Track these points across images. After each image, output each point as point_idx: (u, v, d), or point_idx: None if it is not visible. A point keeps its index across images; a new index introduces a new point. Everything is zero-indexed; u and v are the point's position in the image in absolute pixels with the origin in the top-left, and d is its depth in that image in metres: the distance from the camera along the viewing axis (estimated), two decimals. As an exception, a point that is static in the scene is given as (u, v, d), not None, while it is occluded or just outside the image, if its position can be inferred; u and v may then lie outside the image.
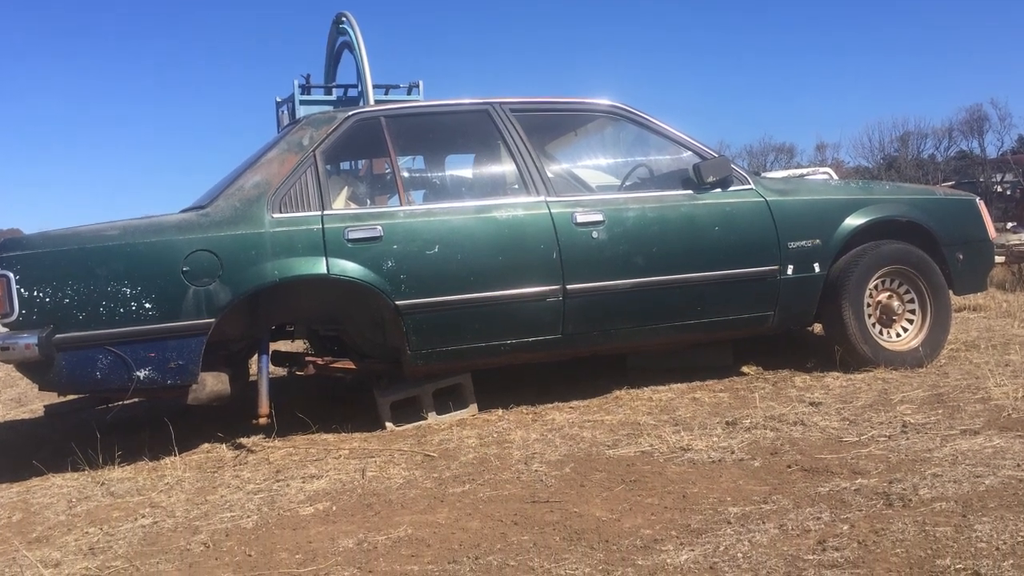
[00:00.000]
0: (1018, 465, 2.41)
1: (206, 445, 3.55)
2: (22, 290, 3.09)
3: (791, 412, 3.27)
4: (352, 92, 8.73)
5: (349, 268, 3.36)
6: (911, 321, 4.04)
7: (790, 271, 3.85)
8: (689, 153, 3.99)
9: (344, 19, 8.88)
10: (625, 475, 2.69)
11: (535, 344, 3.62)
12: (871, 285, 3.95)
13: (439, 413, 3.66)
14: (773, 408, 3.37)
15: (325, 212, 3.43)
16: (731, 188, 3.89)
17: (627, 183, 4.22)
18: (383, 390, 3.68)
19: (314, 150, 3.55)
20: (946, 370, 3.82)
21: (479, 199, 3.79)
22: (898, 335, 4.02)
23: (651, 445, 2.99)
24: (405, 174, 4.21)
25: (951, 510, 2.13)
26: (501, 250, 3.53)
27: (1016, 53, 52.60)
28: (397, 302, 3.39)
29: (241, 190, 3.43)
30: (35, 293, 3.10)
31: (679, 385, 3.91)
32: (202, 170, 60.65)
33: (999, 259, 6.59)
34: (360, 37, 8.53)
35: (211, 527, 2.54)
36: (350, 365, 3.70)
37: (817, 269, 3.89)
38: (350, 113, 3.75)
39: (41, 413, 4.17)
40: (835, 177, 13.86)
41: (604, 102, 4.03)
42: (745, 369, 4.15)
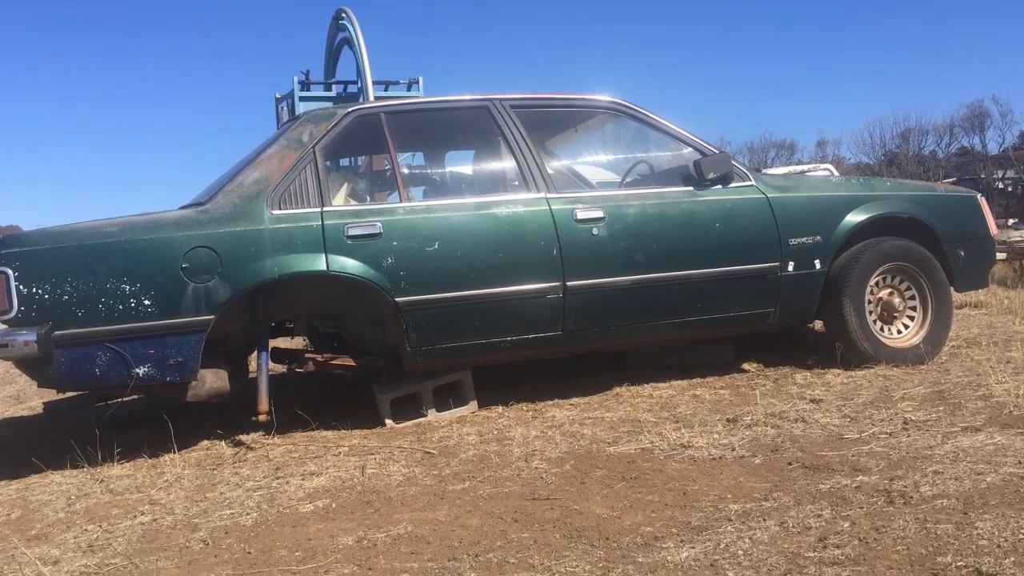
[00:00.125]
0: (1019, 462, 2.40)
1: (205, 442, 3.55)
2: (21, 287, 3.08)
3: (792, 409, 3.27)
4: (352, 88, 8.74)
5: (349, 265, 3.35)
6: (912, 318, 4.04)
7: (791, 268, 3.84)
8: (689, 149, 3.98)
9: (344, 15, 8.88)
10: (625, 472, 2.68)
11: (535, 341, 3.61)
12: (872, 282, 3.94)
13: (439, 410, 3.65)
14: (774, 405, 3.36)
15: (325, 208, 3.42)
16: (732, 185, 3.87)
17: (627, 179, 4.22)
18: (383, 387, 3.68)
19: (314, 146, 3.54)
20: (947, 367, 3.81)
21: (479, 195, 3.78)
22: (899, 332, 4.01)
23: (651, 442, 2.98)
24: (405, 170, 4.19)
25: (952, 507, 2.12)
26: (501, 247, 3.52)
27: (1018, 49, 52.67)
28: (397, 299, 3.38)
29: (240, 186, 3.42)
30: (34, 290, 3.09)
31: (680, 382, 3.91)
32: (201, 166, 60.73)
33: (1000, 256, 6.60)
34: (360, 33, 8.53)
35: (210, 524, 2.53)
36: (350, 362, 3.69)
37: (818, 266, 3.88)
38: (350, 109, 3.73)
39: (40, 410, 4.16)
40: (836, 173, 13.86)
41: (604, 98, 4.02)
42: (746, 366, 4.15)
